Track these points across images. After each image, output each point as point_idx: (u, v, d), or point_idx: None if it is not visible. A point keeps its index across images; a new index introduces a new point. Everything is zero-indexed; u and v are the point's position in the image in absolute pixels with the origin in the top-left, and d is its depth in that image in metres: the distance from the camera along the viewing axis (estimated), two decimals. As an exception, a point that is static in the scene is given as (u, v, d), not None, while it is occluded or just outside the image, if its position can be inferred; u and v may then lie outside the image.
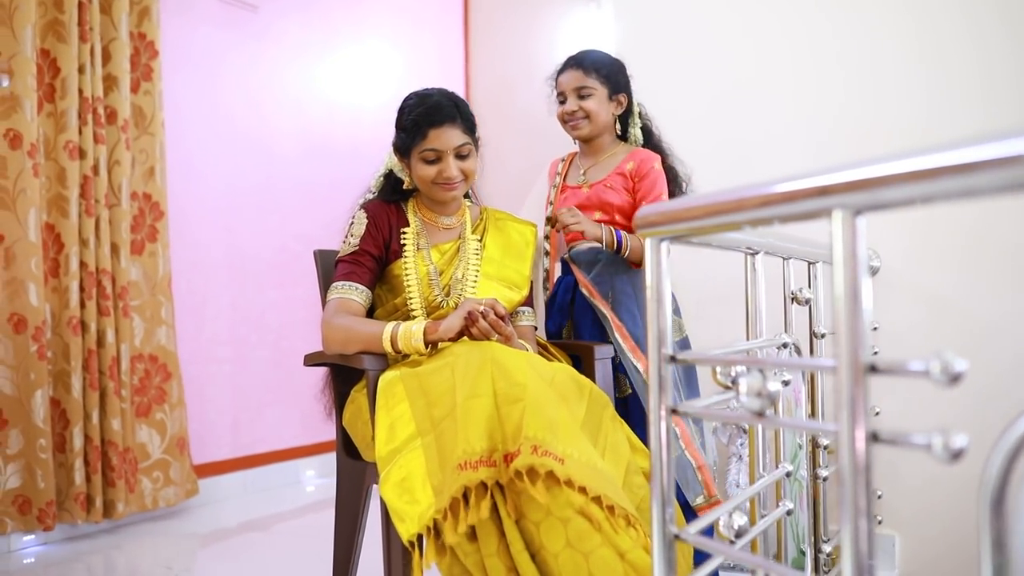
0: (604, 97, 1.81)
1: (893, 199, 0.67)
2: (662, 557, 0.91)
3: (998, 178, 0.58)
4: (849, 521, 0.69)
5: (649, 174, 1.75)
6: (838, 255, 0.70)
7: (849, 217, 0.70)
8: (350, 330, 1.44)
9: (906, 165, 0.65)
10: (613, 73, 1.81)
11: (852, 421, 0.69)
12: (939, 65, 1.90)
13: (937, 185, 0.62)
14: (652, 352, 0.92)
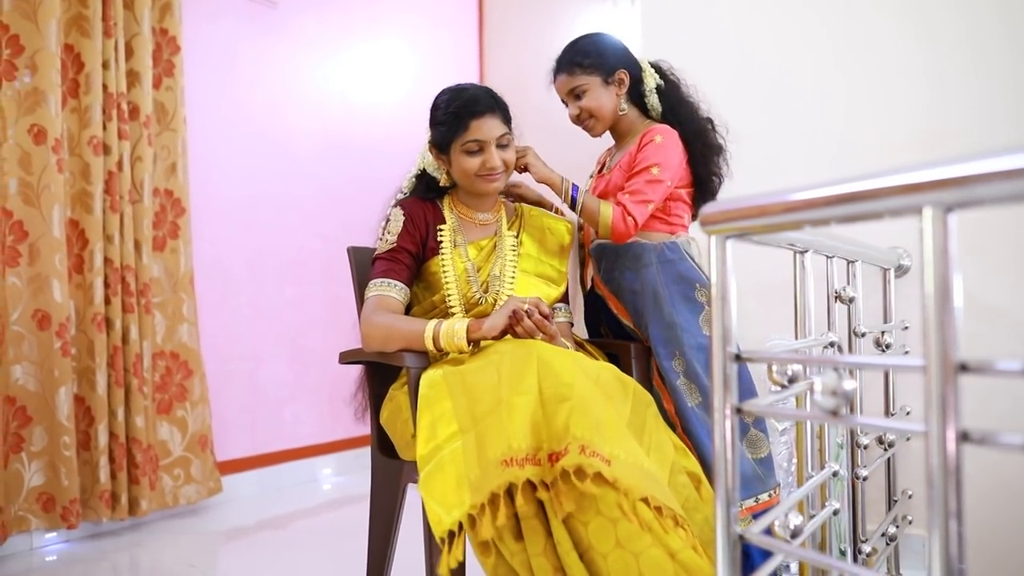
0: (599, 85, 1.68)
1: (986, 196, 0.67)
2: (726, 557, 0.90)
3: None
4: (940, 523, 0.68)
5: (644, 148, 1.62)
6: (928, 252, 0.69)
7: (940, 214, 0.69)
8: (391, 328, 1.43)
9: (999, 164, 0.64)
10: (597, 55, 1.68)
11: (943, 421, 0.69)
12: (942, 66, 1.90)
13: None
14: (717, 351, 0.91)
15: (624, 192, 1.60)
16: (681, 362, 1.54)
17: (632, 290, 1.64)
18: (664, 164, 1.60)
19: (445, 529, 1.12)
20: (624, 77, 1.70)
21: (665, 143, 1.62)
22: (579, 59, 1.68)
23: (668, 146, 1.62)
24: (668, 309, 1.57)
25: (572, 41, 1.74)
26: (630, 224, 1.57)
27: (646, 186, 1.58)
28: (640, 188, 1.58)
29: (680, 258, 1.61)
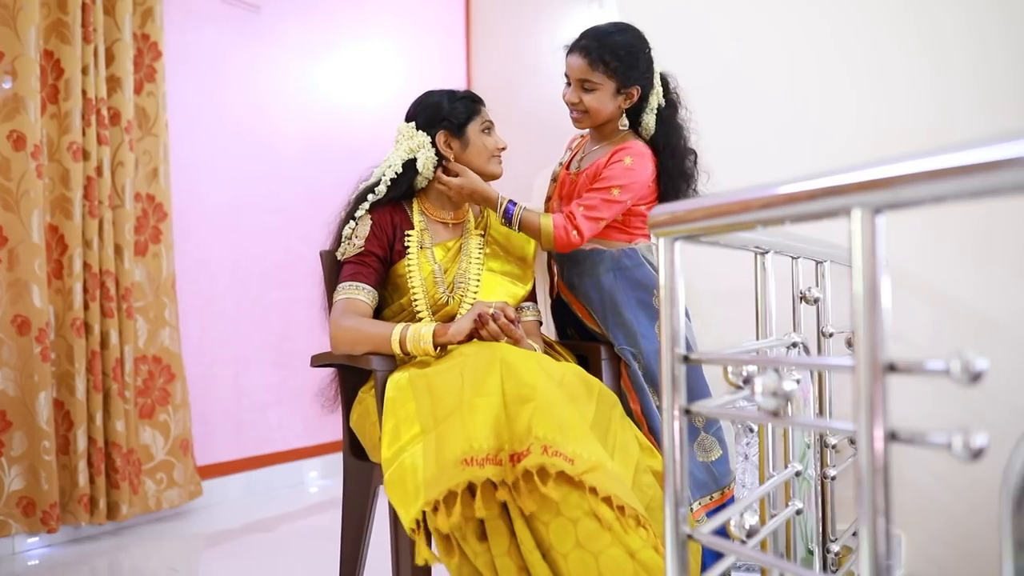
0: (610, 92, 1.63)
1: (912, 198, 0.68)
2: (675, 556, 0.90)
3: (1015, 178, 0.58)
4: (867, 520, 0.69)
5: (613, 165, 1.60)
6: (856, 254, 0.70)
7: (868, 216, 0.69)
8: (358, 331, 1.44)
9: (925, 164, 0.65)
10: (625, 64, 1.61)
11: (871, 420, 0.69)
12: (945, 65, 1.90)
13: (955, 184, 0.62)
14: (665, 352, 0.92)
15: (579, 203, 1.59)
16: (642, 365, 1.56)
17: (590, 296, 1.66)
18: (627, 187, 1.59)
19: (410, 528, 1.13)
20: (635, 93, 1.66)
21: (634, 167, 1.60)
22: (607, 57, 1.61)
23: (636, 170, 1.60)
24: (626, 314, 1.58)
25: (609, 29, 1.65)
26: (574, 237, 1.56)
27: (602, 204, 1.57)
28: (596, 204, 1.57)
29: (638, 264, 1.62)
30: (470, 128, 1.61)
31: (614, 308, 1.60)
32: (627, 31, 1.65)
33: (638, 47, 1.64)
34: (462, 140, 1.61)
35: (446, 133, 1.61)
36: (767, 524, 1.19)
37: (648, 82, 1.66)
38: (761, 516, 1.24)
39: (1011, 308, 1.80)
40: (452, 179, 1.60)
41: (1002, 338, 1.82)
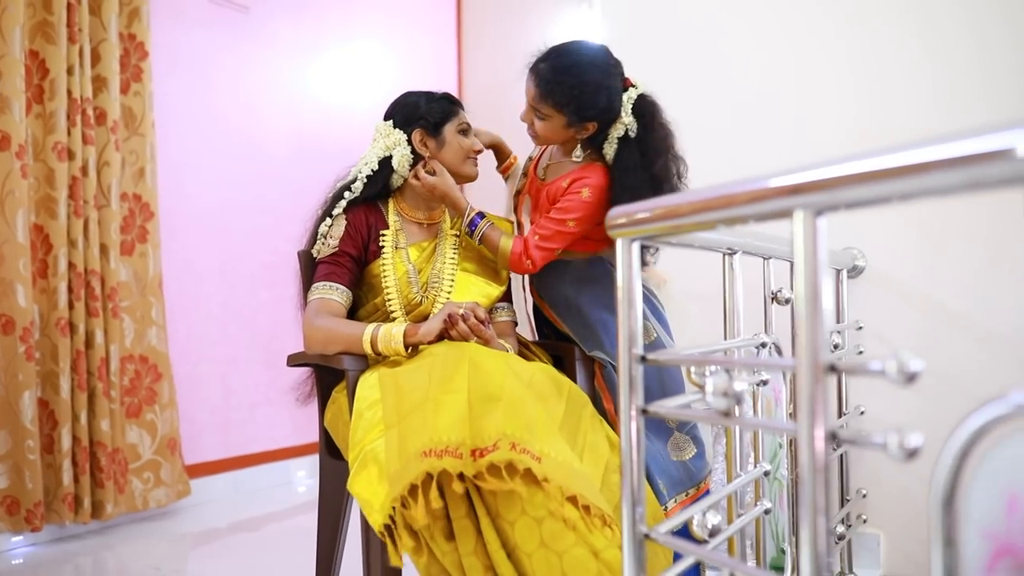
0: (561, 124, 1.57)
1: (851, 199, 0.68)
2: (632, 556, 0.91)
3: (948, 178, 0.58)
4: (808, 519, 0.69)
5: (571, 196, 1.57)
6: (798, 255, 0.70)
7: (810, 217, 0.70)
8: (331, 331, 1.45)
9: (863, 166, 0.65)
10: (578, 103, 1.53)
11: (811, 421, 0.70)
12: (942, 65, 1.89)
13: (891, 186, 0.63)
14: (623, 352, 0.93)
15: (536, 231, 1.59)
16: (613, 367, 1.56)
17: (557, 302, 1.67)
18: (582, 219, 1.57)
19: (380, 524, 1.13)
20: (591, 127, 1.58)
21: (591, 200, 1.57)
22: (558, 95, 1.54)
23: (593, 204, 1.57)
24: (592, 320, 1.59)
25: (564, 62, 1.55)
26: (527, 265, 1.58)
27: (556, 235, 1.57)
28: (550, 235, 1.57)
29: (604, 272, 1.63)
30: (447, 128, 1.62)
31: (580, 314, 1.61)
32: (585, 69, 1.54)
33: (595, 83, 1.53)
34: (438, 139, 1.62)
35: (422, 131, 1.62)
36: (733, 523, 1.20)
37: (607, 116, 1.56)
38: (729, 515, 1.25)
39: (990, 307, 1.80)
40: (428, 176, 1.60)
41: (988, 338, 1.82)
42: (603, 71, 1.54)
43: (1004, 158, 0.54)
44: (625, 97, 1.57)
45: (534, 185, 1.72)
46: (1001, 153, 0.54)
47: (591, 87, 1.53)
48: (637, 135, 1.56)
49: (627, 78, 1.60)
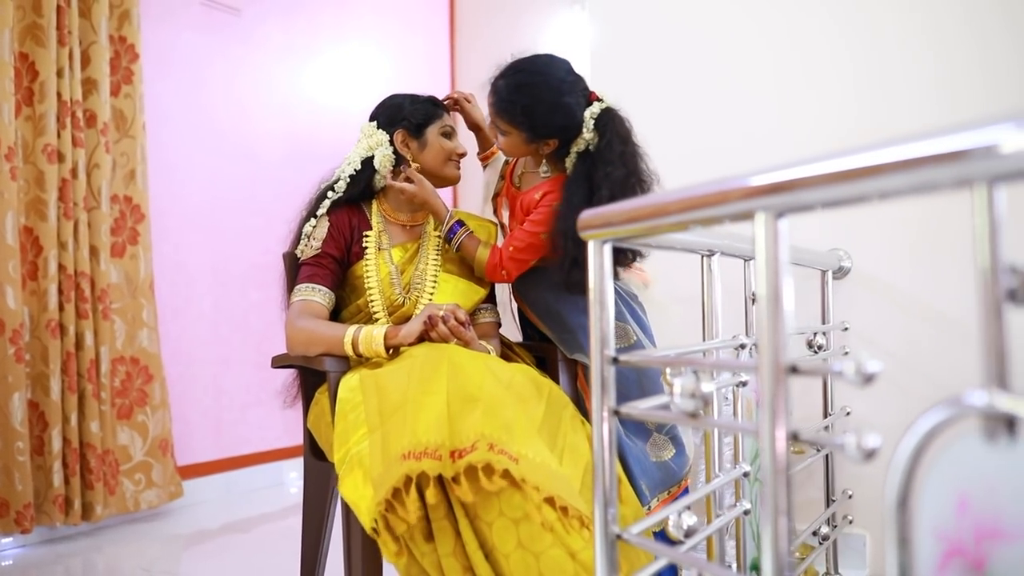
0: (521, 140, 1.58)
1: (812, 201, 0.68)
2: (604, 557, 0.91)
3: (904, 180, 0.59)
4: (770, 519, 0.70)
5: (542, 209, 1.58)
6: (760, 257, 0.71)
7: (771, 219, 0.70)
8: (312, 332, 1.45)
9: (821, 168, 0.65)
10: (532, 122, 1.54)
11: (773, 421, 0.70)
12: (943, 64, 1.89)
13: (851, 187, 0.63)
14: (595, 354, 0.93)
15: (510, 242, 1.60)
16: None
17: (537, 306, 1.68)
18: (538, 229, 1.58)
19: (370, 528, 1.14)
20: (552, 143, 1.58)
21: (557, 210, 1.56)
22: (514, 113, 1.55)
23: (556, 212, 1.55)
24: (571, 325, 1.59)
25: (519, 80, 1.55)
26: (503, 275, 1.60)
27: (529, 247, 1.58)
28: (524, 246, 1.58)
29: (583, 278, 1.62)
30: (429, 130, 1.64)
31: (559, 318, 1.61)
32: (538, 88, 1.53)
33: (550, 103, 1.52)
34: (420, 140, 1.63)
35: (404, 132, 1.63)
36: (711, 524, 1.20)
37: (567, 133, 1.56)
38: (708, 516, 1.25)
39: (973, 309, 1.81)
40: (407, 185, 1.61)
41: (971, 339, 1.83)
42: (557, 89, 1.53)
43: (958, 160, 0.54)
44: (588, 113, 1.55)
45: (510, 191, 1.73)
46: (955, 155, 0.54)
47: (545, 106, 1.53)
48: (596, 148, 1.55)
49: (592, 92, 1.60)
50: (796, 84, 2.11)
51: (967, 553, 0.55)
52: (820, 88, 2.06)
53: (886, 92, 1.95)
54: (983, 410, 0.53)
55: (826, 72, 2.05)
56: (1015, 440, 0.52)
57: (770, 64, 2.16)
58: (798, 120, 2.10)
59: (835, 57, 2.04)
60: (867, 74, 1.98)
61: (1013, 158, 0.51)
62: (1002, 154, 0.51)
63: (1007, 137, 0.51)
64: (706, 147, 2.26)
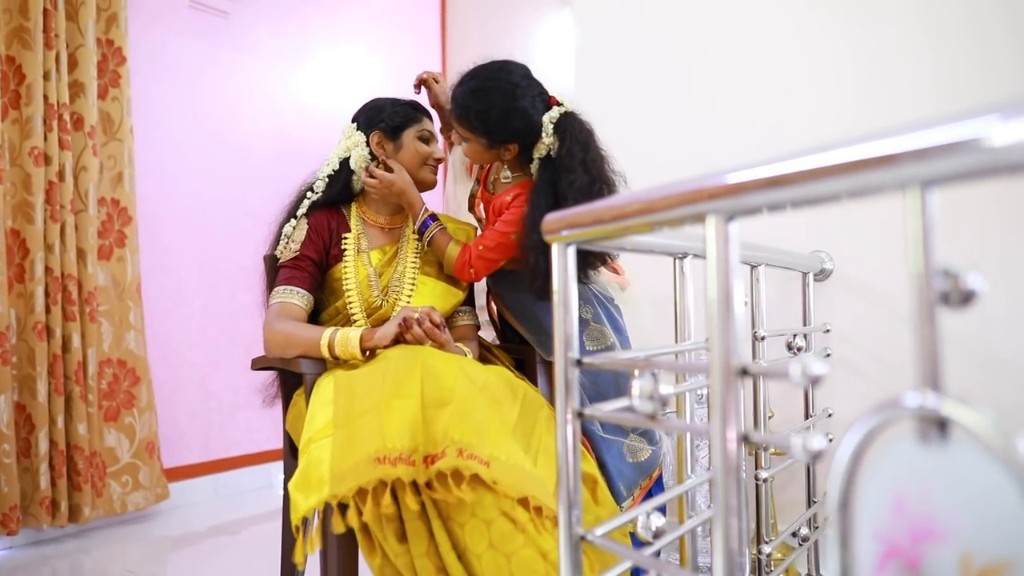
0: (482, 146, 1.59)
1: (762, 203, 0.69)
2: (569, 558, 0.92)
3: (842, 184, 0.59)
4: (721, 519, 0.70)
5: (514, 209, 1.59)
6: (711, 260, 0.71)
7: (722, 222, 0.71)
8: (290, 335, 1.46)
9: (768, 171, 0.66)
10: (489, 128, 1.55)
11: (724, 422, 0.71)
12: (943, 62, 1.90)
13: (794, 191, 0.64)
14: (559, 356, 0.93)
15: (480, 241, 1.60)
16: None
17: (515, 309, 1.68)
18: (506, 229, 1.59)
19: (300, 516, 1.12)
20: (513, 148, 1.59)
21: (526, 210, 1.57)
22: (470, 120, 1.56)
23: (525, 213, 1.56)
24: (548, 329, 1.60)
25: (474, 90, 1.56)
26: (471, 274, 1.60)
27: (499, 246, 1.58)
28: (493, 246, 1.58)
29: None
30: (406, 133, 1.64)
31: (535, 320, 1.62)
32: (490, 93, 1.54)
33: (503, 107, 1.53)
34: (396, 143, 1.64)
35: (380, 134, 1.64)
36: (683, 526, 1.21)
37: (526, 138, 1.56)
38: (680, 517, 1.25)
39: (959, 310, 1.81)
40: (385, 173, 1.61)
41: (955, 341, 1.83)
42: (511, 93, 1.54)
43: (891, 163, 0.55)
44: (547, 117, 1.55)
45: (485, 196, 1.74)
46: (887, 158, 0.55)
47: (498, 110, 1.54)
48: (557, 154, 1.55)
49: (552, 97, 1.60)
50: (782, 83, 2.11)
51: (903, 554, 0.55)
52: (807, 88, 2.07)
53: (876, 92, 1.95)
54: (916, 412, 0.54)
55: (812, 73, 2.06)
56: (947, 441, 0.53)
57: (758, 62, 2.17)
58: (785, 119, 2.10)
59: (822, 58, 2.05)
60: (857, 72, 1.98)
61: (945, 161, 0.52)
62: (934, 157, 0.52)
63: (939, 140, 0.52)
64: (694, 147, 2.27)
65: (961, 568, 0.52)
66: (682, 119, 2.31)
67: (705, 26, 2.28)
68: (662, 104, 2.35)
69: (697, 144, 2.26)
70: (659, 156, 2.25)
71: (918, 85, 1.90)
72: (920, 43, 1.91)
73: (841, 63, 2.00)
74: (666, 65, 2.35)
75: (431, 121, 1.71)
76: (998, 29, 1.81)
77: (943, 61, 1.87)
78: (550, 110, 1.57)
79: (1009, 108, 0.48)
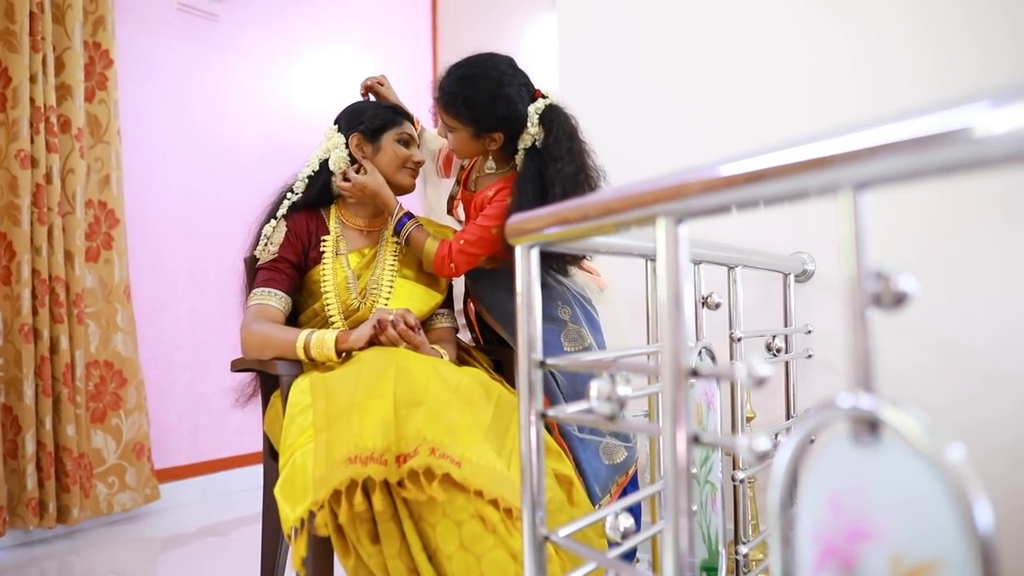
0: (468, 136, 1.60)
1: (709, 206, 0.69)
2: (532, 558, 0.92)
3: (781, 187, 0.60)
4: (671, 520, 0.71)
5: (496, 203, 1.59)
6: (661, 262, 0.72)
7: (672, 224, 0.71)
8: (267, 336, 1.47)
9: (715, 172, 0.66)
10: (476, 115, 1.57)
11: (674, 423, 0.71)
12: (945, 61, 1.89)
13: (736, 194, 0.64)
14: (522, 358, 0.94)
15: (460, 235, 1.60)
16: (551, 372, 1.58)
17: (494, 308, 1.69)
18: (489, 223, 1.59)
19: (290, 525, 1.14)
20: (498, 137, 1.61)
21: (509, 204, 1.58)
22: (458, 108, 1.58)
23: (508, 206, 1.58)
24: None
25: (461, 75, 1.59)
26: (451, 269, 1.59)
27: (480, 240, 1.58)
28: (474, 240, 1.58)
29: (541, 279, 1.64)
30: (385, 136, 1.65)
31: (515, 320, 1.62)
32: (477, 80, 1.57)
33: (490, 94, 1.56)
34: (374, 145, 1.65)
35: (359, 136, 1.65)
36: (654, 526, 1.21)
37: (512, 126, 1.58)
38: (652, 517, 1.26)
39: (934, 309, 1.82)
40: (357, 176, 1.62)
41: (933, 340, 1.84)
42: (497, 80, 1.56)
43: (824, 166, 0.55)
44: (532, 108, 1.58)
45: (465, 196, 1.75)
46: (819, 161, 0.55)
47: (485, 97, 1.56)
48: (543, 145, 1.57)
49: (537, 90, 1.62)
50: (768, 80, 2.11)
51: (839, 553, 0.56)
52: (793, 85, 2.07)
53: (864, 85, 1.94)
54: (849, 412, 0.54)
55: (798, 71, 2.06)
56: (878, 442, 0.53)
57: (740, 63, 2.17)
58: (771, 115, 2.10)
59: (807, 55, 2.05)
60: (845, 71, 1.98)
61: (876, 164, 0.52)
62: (865, 160, 0.52)
63: (869, 142, 0.52)
64: (678, 148, 2.27)
65: (892, 568, 0.53)
66: (666, 119, 2.31)
67: (688, 27, 2.28)
68: (646, 105, 2.35)
69: (681, 144, 2.26)
70: (644, 157, 2.25)
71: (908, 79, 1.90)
72: (905, 39, 1.91)
73: (824, 59, 2.01)
74: (651, 65, 2.35)
75: (412, 125, 1.72)
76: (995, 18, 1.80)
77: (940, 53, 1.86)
78: (535, 101, 1.59)
79: (939, 108, 0.48)
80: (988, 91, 0.44)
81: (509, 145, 1.62)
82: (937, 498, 0.50)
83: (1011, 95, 0.42)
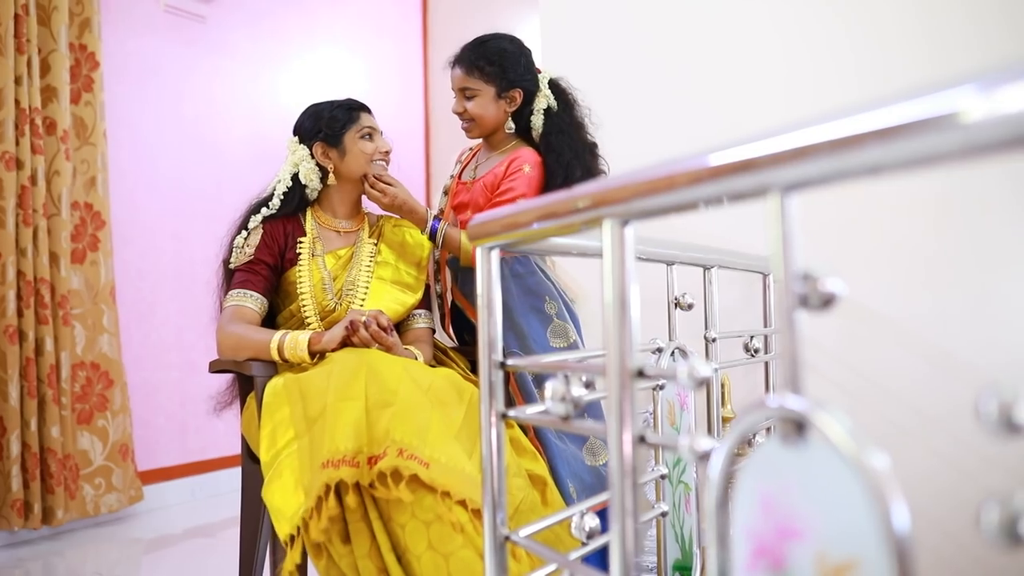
0: (491, 97, 1.68)
1: (654, 207, 0.70)
2: (494, 558, 0.93)
3: (715, 188, 0.60)
4: (617, 521, 0.71)
5: (514, 176, 1.64)
6: (607, 264, 0.72)
7: (618, 226, 0.72)
8: (241, 338, 1.47)
9: (660, 172, 0.67)
10: (500, 68, 1.66)
11: (620, 424, 0.72)
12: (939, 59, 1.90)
13: (675, 196, 0.65)
14: (483, 358, 0.95)
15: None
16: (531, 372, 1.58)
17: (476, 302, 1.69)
18: (530, 194, 1.63)
19: (287, 533, 1.17)
20: (517, 96, 1.70)
21: (532, 175, 1.65)
22: (481, 63, 1.67)
23: (534, 177, 1.66)
24: (518, 321, 1.61)
25: (481, 39, 1.72)
26: None
27: None
28: None
29: (531, 272, 1.64)
30: (347, 136, 1.63)
31: (507, 313, 1.63)
32: (500, 38, 1.72)
33: (512, 51, 1.69)
34: (339, 149, 1.63)
35: (322, 144, 1.64)
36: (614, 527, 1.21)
37: (529, 84, 1.70)
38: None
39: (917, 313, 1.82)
40: (387, 187, 1.63)
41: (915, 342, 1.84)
42: (515, 42, 1.72)
43: (751, 169, 0.56)
44: (541, 77, 1.72)
45: (462, 192, 1.75)
46: (747, 163, 0.56)
47: (510, 53, 1.69)
48: (560, 109, 1.70)
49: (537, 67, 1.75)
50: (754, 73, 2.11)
51: (770, 551, 0.56)
52: (781, 77, 2.07)
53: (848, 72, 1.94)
54: (777, 412, 0.55)
55: (786, 61, 2.06)
56: (805, 442, 0.54)
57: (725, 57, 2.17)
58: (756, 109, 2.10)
59: (796, 47, 2.05)
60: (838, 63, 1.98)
61: (803, 167, 0.53)
62: (791, 162, 0.53)
63: (794, 144, 0.53)
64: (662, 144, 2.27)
65: (817, 565, 0.53)
66: (648, 117, 2.31)
67: (670, 24, 2.28)
68: (628, 104, 2.35)
69: (664, 141, 2.26)
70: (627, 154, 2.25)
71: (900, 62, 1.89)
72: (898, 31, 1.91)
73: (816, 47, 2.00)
74: (632, 63, 2.35)
75: (370, 115, 1.69)
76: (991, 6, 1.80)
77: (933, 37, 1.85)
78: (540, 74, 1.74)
79: (861, 109, 0.49)
80: (904, 92, 0.45)
81: (525, 107, 1.71)
82: (857, 499, 0.50)
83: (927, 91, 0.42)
